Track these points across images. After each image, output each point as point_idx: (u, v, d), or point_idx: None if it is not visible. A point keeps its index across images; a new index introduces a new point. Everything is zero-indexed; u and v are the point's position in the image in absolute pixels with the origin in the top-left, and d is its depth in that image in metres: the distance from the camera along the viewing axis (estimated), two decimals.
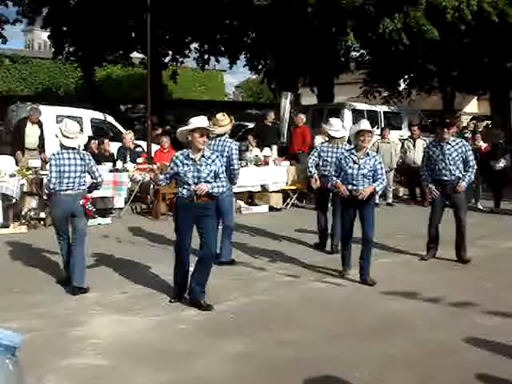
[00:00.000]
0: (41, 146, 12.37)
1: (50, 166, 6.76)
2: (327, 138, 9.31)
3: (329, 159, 8.82)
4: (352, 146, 7.50)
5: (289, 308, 6.30)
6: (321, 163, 8.95)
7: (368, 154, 7.27)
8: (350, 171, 7.22)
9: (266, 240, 9.69)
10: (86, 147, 10.86)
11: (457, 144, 8.22)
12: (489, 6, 16.11)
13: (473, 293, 6.76)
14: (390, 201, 13.77)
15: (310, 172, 8.93)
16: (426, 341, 5.31)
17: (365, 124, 7.28)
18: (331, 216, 8.96)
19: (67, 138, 6.74)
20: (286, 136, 16.56)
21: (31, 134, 12.41)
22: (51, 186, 6.69)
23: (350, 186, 7.17)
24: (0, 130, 16.56)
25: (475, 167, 8.23)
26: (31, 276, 7.38)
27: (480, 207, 13.08)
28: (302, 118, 14.88)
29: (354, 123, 16.00)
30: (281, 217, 12.21)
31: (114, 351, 5.04)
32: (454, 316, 6.02)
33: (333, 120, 9.18)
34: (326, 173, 8.60)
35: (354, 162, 7.22)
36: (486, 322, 5.78)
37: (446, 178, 8.17)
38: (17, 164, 11.24)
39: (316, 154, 9.00)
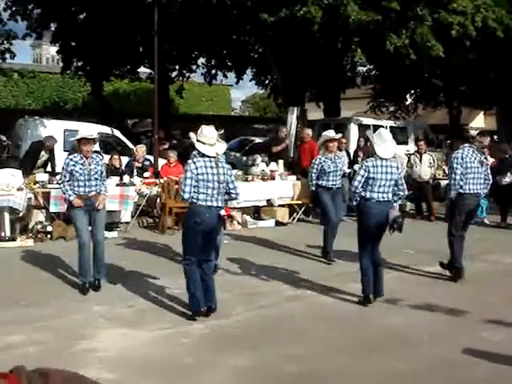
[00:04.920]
0: (52, 171, 12.46)
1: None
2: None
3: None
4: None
5: (294, 322, 6.30)
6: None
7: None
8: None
9: (272, 254, 9.70)
10: None
11: None
12: (493, 22, 16.17)
13: (478, 307, 6.75)
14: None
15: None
16: (431, 355, 5.31)
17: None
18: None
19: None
20: (293, 151, 16.59)
21: (42, 158, 12.65)
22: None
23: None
24: (8, 143, 16.67)
25: None
26: (38, 289, 7.40)
27: (486, 222, 13.06)
28: (309, 133, 14.90)
29: (359, 138, 16.09)
30: (287, 231, 12.22)
31: (120, 364, 5.06)
32: (459, 330, 6.01)
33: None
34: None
35: None
36: (492, 337, 5.77)
37: None
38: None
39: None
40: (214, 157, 6.19)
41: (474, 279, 8.16)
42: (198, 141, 6.22)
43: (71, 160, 7.24)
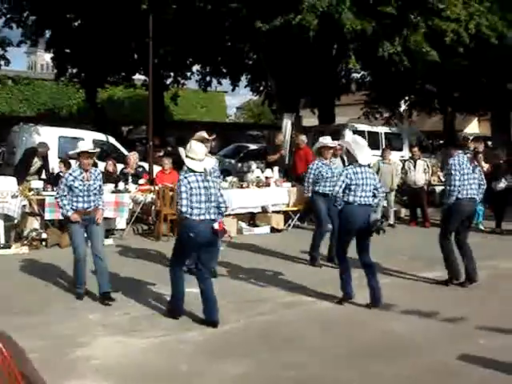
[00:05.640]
0: (46, 178, 12.42)
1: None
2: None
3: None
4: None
5: (291, 329, 6.29)
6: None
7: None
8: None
9: (267, 261, 9.69)
10: None
11: None
12: (487, 29, 16.24)
13: (475, 313, 6.75)
14: (391, 221, 13.78)
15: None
16: (429, 361, 5.30)
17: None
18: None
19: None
20: (288, 157, 16.61)
21: (35, 165, 12.61)
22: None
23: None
24: (3, 150, 16.64)
25: None
26: (32, 297, 7.37)
27: (481, 227, 13.08)
28: (304, 139, 14.91)
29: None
30: (282, 238, 12.21)
31: (116, 372, 5.04)
32: (456, 336, 6.01)
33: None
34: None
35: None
36: (489, 343, 5.77)
37: None
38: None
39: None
40: (203, 172, 6.40)
41: (471, 284, 8.16)
42: (186, 156, 6.43)
43: (70, 175, 7.21)
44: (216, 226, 6.41)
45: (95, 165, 9.96)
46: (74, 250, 7.20)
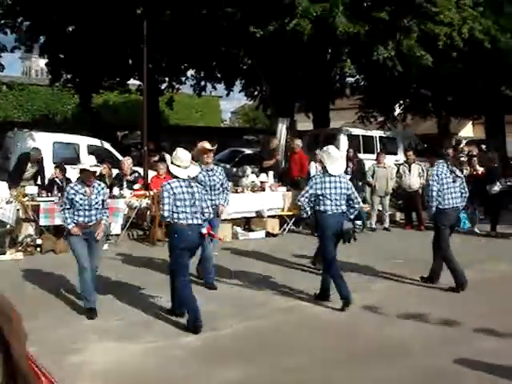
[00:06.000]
0: (42, 183, 12.40)
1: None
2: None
3: None
4: None
5: (287, 333, 6.29)
6: None
7: None
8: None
9: (263, 265, 9.68)
10: None
11: None
12: (480, 34, 16.30)
13: (470, 316, 6.76)
14: (386, 225, 13.79)
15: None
16: (425, 365, 5.30)
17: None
18: None
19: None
20: (283, 162, 16.63)
21: (29, 170, 12.58)
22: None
23: None
24: None
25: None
26: (27, 303, 7.32)
27: (477, 231, 13.11)
28: (299, 143, 14.93)
29: (348, 149, 16.09)
30: (277, 242, 12.20)
31: (111, 378, 5.02)
32: (452, 340, 6.01)
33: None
34: None
35: None
36: (485, 346, 5.78)
37: None
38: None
39: None
40: (187, 179, 6.59)
41: (467, 288, 8.18)
42: (172, 163, 6.66)
43: (72, 188, 7.10)
44: (204, 230, 6.59)
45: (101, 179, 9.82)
46: (78, 261, 6.99)
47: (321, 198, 7.35)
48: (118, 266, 9.46)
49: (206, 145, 8.28)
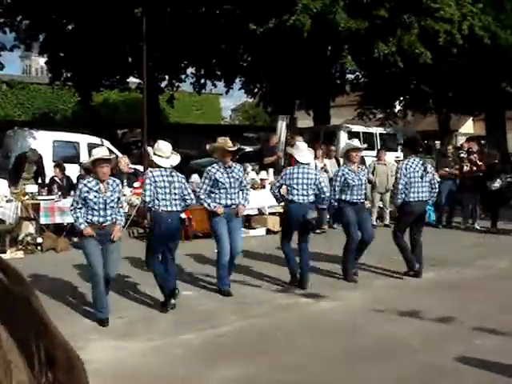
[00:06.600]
0: (42, 182, 12.39)
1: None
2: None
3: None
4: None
5: (287, 331, 6.28)
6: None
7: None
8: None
9: (263, 263, 9.66)
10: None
11: None
12: (480, 30, 16.29)
13: (470, 313, 6.75)
14: (387, 222, 13.78)
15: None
16: (425, 363, 5.29)
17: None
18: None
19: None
20: (283, 159, 16.60)
21: (27, 170, 12.59)
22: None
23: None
24: None
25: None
26: None
27: (477, 227, 13.11)
28: (300, 140, 14.88)
29: None
30: (278, 240, 12.14)
31: (112, 377, 5.01)
32: (452, 337, 6.00)
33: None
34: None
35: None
36: (485, 343, 5.76)
37: None
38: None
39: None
40: (169, 168, 7.06)
41: (467, 285, 8.18)
42: (154, 154, 7.09)
43: (85, 186, 6.52)
44: (183, 215, 7.25)
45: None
46: (91, 266, 6.48)
47: (289, 188, 7.97)
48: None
49: (226, 145, 7.87)
